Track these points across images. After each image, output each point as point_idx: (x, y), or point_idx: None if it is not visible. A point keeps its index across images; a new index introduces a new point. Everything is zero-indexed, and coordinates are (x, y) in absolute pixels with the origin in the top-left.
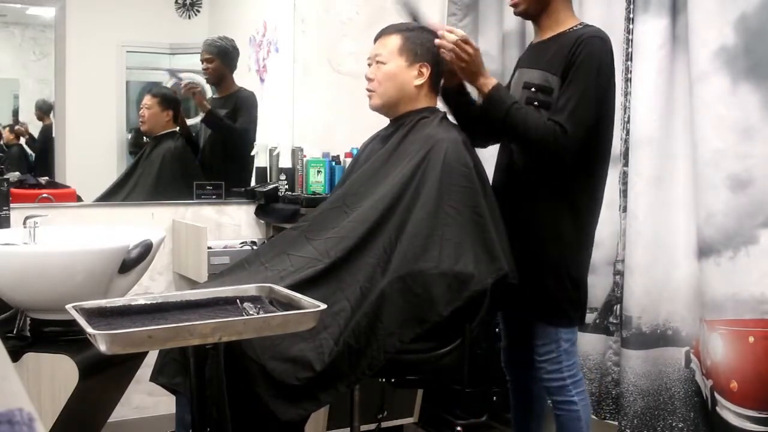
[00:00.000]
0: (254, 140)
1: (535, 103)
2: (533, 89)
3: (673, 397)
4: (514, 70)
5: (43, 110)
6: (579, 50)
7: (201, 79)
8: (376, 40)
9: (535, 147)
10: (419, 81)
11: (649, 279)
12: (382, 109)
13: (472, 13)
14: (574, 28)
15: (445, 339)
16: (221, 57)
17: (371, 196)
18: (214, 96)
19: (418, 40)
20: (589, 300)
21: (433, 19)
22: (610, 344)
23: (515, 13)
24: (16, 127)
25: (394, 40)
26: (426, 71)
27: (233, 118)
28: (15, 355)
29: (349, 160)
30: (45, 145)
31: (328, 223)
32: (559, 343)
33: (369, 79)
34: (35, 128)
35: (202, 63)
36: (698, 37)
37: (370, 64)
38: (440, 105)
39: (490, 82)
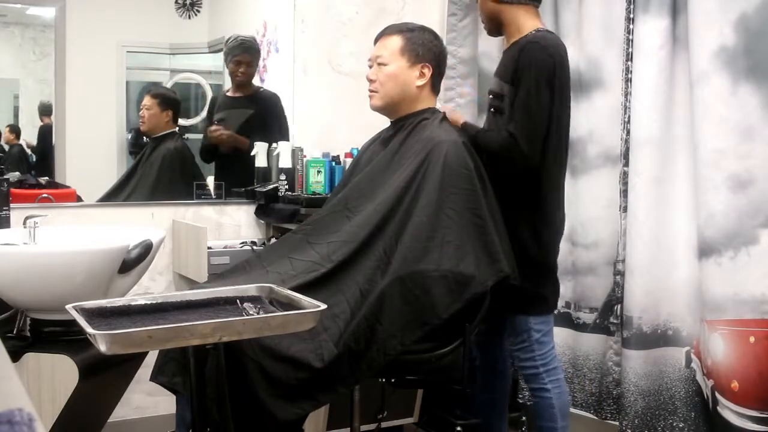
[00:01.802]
0: (286, 140)
1: (492, 109)
2: (491, 96)
3: (673, 397)
4: None
5: (46, 111)
6: (521, 57)
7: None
8: (376, 41)
9: (500, 159)
10: (421, 81)
11: (649, 279)
12: (383, 109)
13: (472, 13)
14: (528, 35)
15: (445, 339)
16: (255, 58)
17: (373, 199)
18: (230, 95)
19: (419, 41)
20: (588, 300)
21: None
22: (611, 344)
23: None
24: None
25: (395, 41)
26: (428, 72)
27: (259, 119)
28: (15, 356)
29: (349, 161)
30: (44, 144)
31: (330, 227)
32: (530, 333)
33: (371, 80)
34: (35, 128)
35: (238, 65)
36: (698, 37)
37: (371, 66)
38: (438, 105)
39: (460, 119)
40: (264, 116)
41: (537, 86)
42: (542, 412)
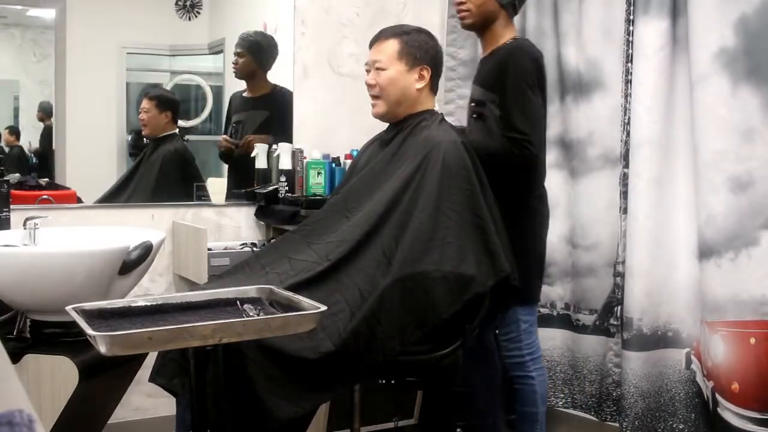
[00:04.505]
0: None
1: (474, 115)
2: (473, 104)
3: (673, 398)
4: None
5: (46, 112)
6: (508, 65)
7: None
8: (372, 44)
9: (504, 161)
10: (420, 84)
11: (649, 280)
12: (386, 116)
13: None
14: (507, 42)
15: (445, 340)
16: (252, 54)
17: (371, 199)
18: (245, 95)
19: (416, 43)
20: (588, 301)
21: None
22: (611, 346)
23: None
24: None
25: (392, 45)
26: (426, 74)
27: (278, 118)
28: (15, 357)
29: (349, 162)
30: (46, 147)
31: (328, 227)
32: (518, 324)
33: (370, 86)
34: (36, 130)
35: (235, 59)
36: (698, 38)
37: (368, 70)
38: (438, 106)
39: None
40: (282, 116)
41: (529, 90)
42: (526, 397)
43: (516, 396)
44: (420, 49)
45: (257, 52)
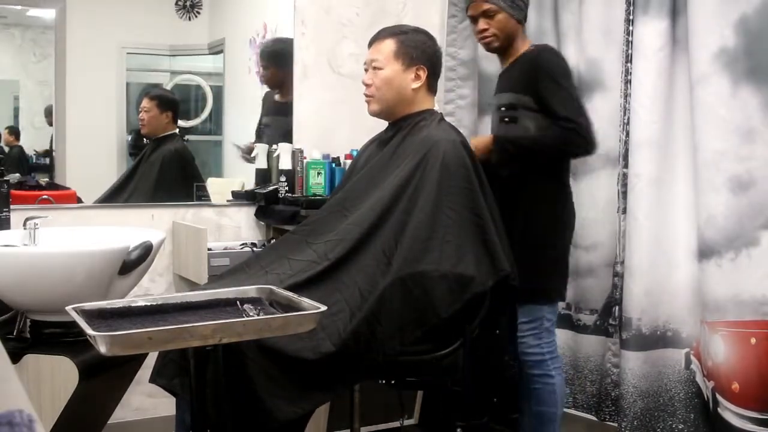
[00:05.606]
0: None
1: (506, 119)
2: (503, 108)
3: (673, 398)
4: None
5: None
6: (538, 67)
7: None
8: (370, 44)
9: (563, 152)
10: (416, 84)
11: (649, 280)
12: (380, 114)
13: None
14: (528, 50)
15: (445, 340)
16: (276, 63)
17: (370, 198)
18: (277, 99)
19: (413, 43)
20: (588, 301)
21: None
22: (610, 346)
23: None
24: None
25: (389, 45)
26: (423, 74)
27: None
28: (15, 357)
29: (349, 162)
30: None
31: (327, 227)
32: (542, 321)
33: (366, 85)
34: (36, 130)
35: (264, 69)
36: (698, 38)
37: (366, 70)
38: (438, 106)
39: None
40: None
41: (569, 85)
42: (546, 397)
43: (534, 395)
44: (417, 49)
45: (280, 61)
